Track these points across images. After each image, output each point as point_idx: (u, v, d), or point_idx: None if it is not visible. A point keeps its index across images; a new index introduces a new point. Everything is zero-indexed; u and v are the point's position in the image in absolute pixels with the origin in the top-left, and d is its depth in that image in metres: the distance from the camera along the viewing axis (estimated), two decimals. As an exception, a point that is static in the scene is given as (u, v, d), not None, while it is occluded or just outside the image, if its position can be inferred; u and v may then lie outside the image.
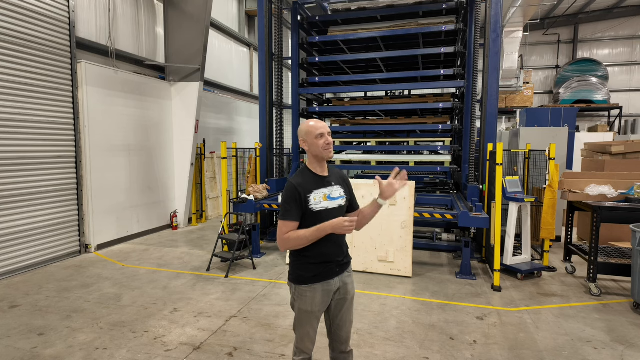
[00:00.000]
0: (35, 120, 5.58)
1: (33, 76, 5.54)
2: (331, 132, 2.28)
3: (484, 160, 5.95)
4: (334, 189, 2.26)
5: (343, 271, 2.30)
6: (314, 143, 2.19)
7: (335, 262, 2.24)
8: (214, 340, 3.57)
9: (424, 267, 5.73)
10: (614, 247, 5.58)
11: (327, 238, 2.17)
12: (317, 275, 2.20)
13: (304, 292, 2.21)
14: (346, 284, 2.31)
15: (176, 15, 7.90)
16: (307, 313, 2.23)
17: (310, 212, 2.16)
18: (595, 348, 3.48)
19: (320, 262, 2.20)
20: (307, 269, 2.21)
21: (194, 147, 8.31)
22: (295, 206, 2.16)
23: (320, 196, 2.19)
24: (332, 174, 2.33)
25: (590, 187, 5.19)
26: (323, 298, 2.22)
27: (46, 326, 3.82)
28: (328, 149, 2.20)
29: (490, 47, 5.76)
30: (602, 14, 16.78)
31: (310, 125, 2.21)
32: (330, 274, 2.23)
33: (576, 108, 13.25)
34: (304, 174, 2.25)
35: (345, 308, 2.32)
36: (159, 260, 6.02)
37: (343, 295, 2.29)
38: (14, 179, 5.33)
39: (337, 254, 2.25)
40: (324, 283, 2.21)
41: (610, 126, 16.02)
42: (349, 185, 2.39)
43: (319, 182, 2.23)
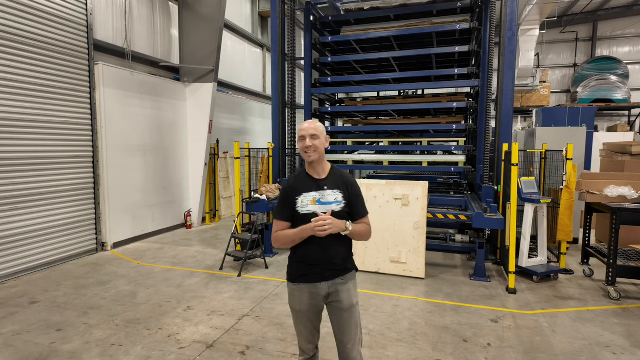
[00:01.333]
0: (53, 121, 5.72)
1: (52, 78, 5.68)
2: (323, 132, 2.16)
3: (499, 161, 5.86)
4: (326, 193, 2.17)
5: (335, 277, 2.20)
6: (298, 144, 2.19)
7: (321, 265, 2.17)
8: (227, 338, 3.60)
9: (437, 269, 5.67)
10: (634, 249, 5.42)
11: (312, 241, 2.13)
12: (304, 275, 2.19)
13: (292, 290, 2.24)
14: (338, 292, 2.20)
15: (191, 17, 8.00)
16: (296, 312, 2.25)
17: (298, 215, 2.16)
18: (614, 353, 3.39)
19: (305, 263, 2.19)
20: (295, 268, 2.24)
21: (208, 147, 8.40)
22: (284, 207, 2.19)
23: (309, 199, 2.16)
24: (331, 177, 2.22)
25: (610, 188, 5.06)
26: (311, 300, 2.19)
27: (64, 322, 3.91)
28: (307, 153, 2.14)
29: (506, 45, 5.67)
30: (622, 11, 16.34)
31: (300, 126, 2.21)
32: (317, 277, 2.18)
33: (595, 107, 12.93)
34: (299, 176, 2.25)
35: (343, 319, 2.22)
36: (173, 259, 6.11)
37: (336, 303, 2.21)
38: (34, 178, 5.47)
39: (323, 258, 2.16)
40: (311, 285, 2.18)
41: (631, 126, 15.59)
42: (353, 191, 2.23)
43: (311, 185, 2.19)
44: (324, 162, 2.25)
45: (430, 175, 7.44)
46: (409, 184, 5.47)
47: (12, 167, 5.20)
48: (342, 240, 2.22)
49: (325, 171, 2.24)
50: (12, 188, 5.21)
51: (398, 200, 5.41)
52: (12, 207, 5.21)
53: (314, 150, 2.14)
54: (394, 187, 5.46)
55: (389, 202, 5.46)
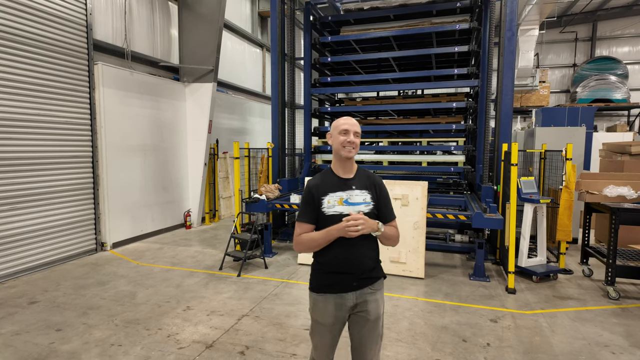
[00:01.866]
0: (53, 121, 5.72)
1: (51, 77, 5.67)
2: (360, 133, 2.10)
3: (499, 161, 5.87)
4: (354, 193, 2.05)
5: (364, 287, 2.04)
6: (336, 138, 2.05)
7: (351, 274, 2.01)
8: (226, 338, 3.60)
9: (437, 269, 5.67)
10: (633, 249, 5.42)
11: (342, 245, 1.98)
12: (330, 285, 2.03)
13: (316, 300, 2.07)
14: (366, 302, 2.04)
15: (190, 17, 8.00)
16: (318, 324, 2.09)
17: (323, 216, 2.02)
18: (613, 353, 3.39)
19: (333, 271, 2.03)
20: (320, 277, 2.07)
21: (207, 147, 8.40)
22: (309, 208, 2.05)
23: (335, 200, 2.02)
24: (358, 177, 2.12)
25: (609, 188, 5.07)
26: (336, 312, 2.03)
27: (63, 322, 3.91)
28: (347, 147, 2.02)
29: (505, 45, 5.68)
30: (621, 11, 16.35)
31: (340, 120, 2.09)
32: (345, 287, 2.02)
33: (594, 107, 12.93)
34: (324, 175, 2.12)
35: (366, 329, 2.07)
36: (173, 259, 6.10)
37: (362, 314, 2.05)
38: (33, 178, 5.46)
39: (353, 266, 2.01)
40: (337, 295, 2.02)
41: (630, 126, 15.59)
42: (382, 192, 2.13)
43: (337, 185, 2.06)
44: (354, 162, 2.15)
45: (429, 175, 7.44)
46: (409, 184, 5.47)
47: (12, 167, 5.20)
48: (372, 244, 2.10)
49: (353, 171, 2.12)
50: (12, 188, 5.20)
51: (398, 200, 5.41)
52: (12, 207, 5.21)
53: (355, 146, 2.04)
54: (394, 187, 5.46)
55: (388, 202, 5.46)
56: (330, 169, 2.14)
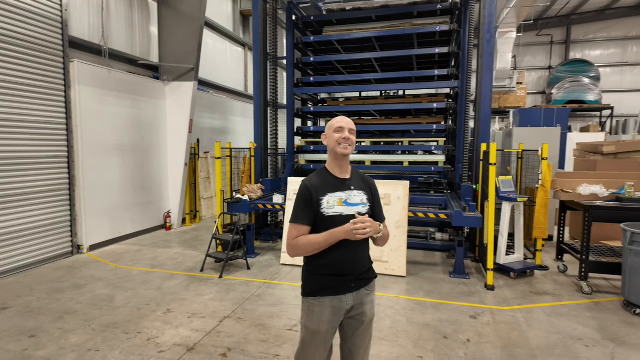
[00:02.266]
0: (26, 120, 5.52)
1: (24, 75, 5.48)
2: (355, 131, 2.08)
3: (478, 160, 5.98)
4: (353, 193, 2.03)
5: (360, 288, 2.03)
6: (331, 136, 2.02)
7: (351, 275, 1.99)
8: (208, 340, 3.56)
9: (418, 267, 5.75)
10: (605, 245, 5.64)
11: (344, 246, 1.93)
12: (329, 288, 1.98)
13: (312, 306, 2.00)
14: (363, 304, 2.03)
15: (170, 15, 7.86)
16: (313, 333, 2.00)
17: (322, 217, 1.96)
18: (587, 346, 3.51)
19: (334, 273, 1.97)
20: (318, 280, 2.00)
21: (188, 147, 8.27)
22: (306, 209, 1.97)
23: (335, 200, 1.98)
24: (354, 177, 2.10)
25: (582, 186, 5.24)
26: (332, 316, 1.98)
27: (37, 328, 3.78)
28: (343, 144, 1.99)
29: (484, 47, 5.79)
30: (594, 15, 16.94)
31: (334, 119, 2.08)
32: (344, 288, 1.99)
33: (568, 108, 13.37)
34: (321, 175, 2.06)
35: (360, 331, 2.06)
36: (153, 261, 5.99)
37: (358, 316, 2.04)
38: (5, 179, 5.26)
39: (354, 267, 2.00)
40: (334, 298, 1.97)
41: (602, 126, 16.18)
42: (375, 192, 2.14)
43: (336, 185, 2.02)
44: (349, 161, 2.12)
45: (411, 175, 7.53)
46: (391, 184, 5.52)
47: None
48: (367, 245, 2.09)
49: (349, 171, 2.10)
50: (-18, 189, 5.01)
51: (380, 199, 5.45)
52: (-18, 209, 5.01)
53: (351, 143, 2.01)
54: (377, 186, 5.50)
55: (370, 201, 5.49)
56: (326, 168, 2.09)
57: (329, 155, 2.09)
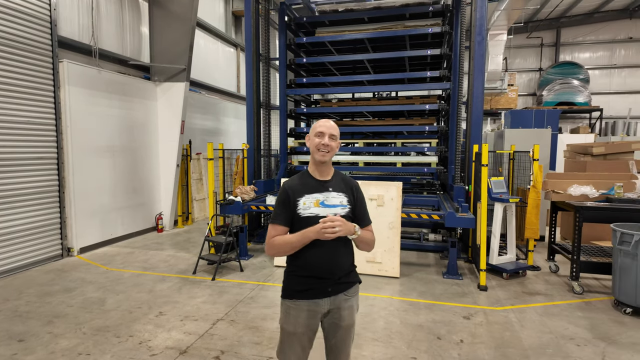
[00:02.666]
0: (15, 121, 5.43)
1: (13, 75, 5.39)
2: (339, 135, 2.07)
3: (470, 161, 6.02)
4: (331, 195, 2.03)
5: (339, 292, 2.01)
6: (312, 140, 2.03)
7: (327, 279, 1.97)
8: (201, 343, 3.52)
9: (412, 268, 5.76)
10: (595, 246, 5.70)
11: (315, 248, 1.93)
12: (305, 290, 1.98)
13: (288, 308, 2.01)
14: (340, 309, 2.02)
15: (161, 15, 7.80)
16: (289, 335, 2.02)
17: (298, 218, 1.98)
18: (578, 345, 3.54)
19: (309, 275, 1.97)
20: (295, 282, 2.01)
21: (180, 148, 8.20)
22: (283, 210, 1.99)
23: (312, 201, 1.99)
24: (335, 179, 2.10)
25: (573, 187, 5.30)
26: (308, 320, 1.98)
27: (27, 332, 3.72)
28: (321, 150, 1.99)
29: (476, 49, 5.83)
30: (583, 18, 17.20)
31: (318, 122, 2.06)
32: (320, 293, 1.97)
33: (559, 110, 13.54)
34: (301, 177, 2.09)
35: (339, 335, 2.05)
36: (144, 264, 5.92)
37: (335, 320, 2.03)
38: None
39: (332, 269, 1.98)
40: (310, 302, 1.97)
41: (592, 128, 16.40)
42: (359, 196, 2.12)
43: (314, 187, 2.03)
44: (330, 164, 2.11)
45: (404, 176, 7.56)
46: (384, 185, 5.53)
47: (-31, 170, 4.90)
48: (348, 248, 2.07)
49: (330, 173, 2.10)
50: (-31, 191, 4.91)
51: (373, 200, 5.46)
52: (-31, 211, 4.91)
53: (329, 150, 2.00)
54: (369, 187, 5.51)
55: (364, 202, 5.50)
56: (307, 171, 2.10)
57: (310, 158, 2.09)
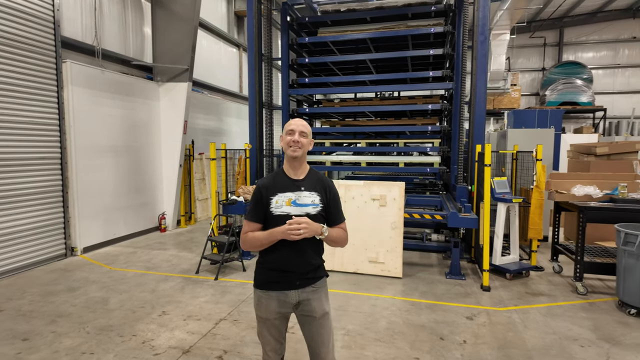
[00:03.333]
0: (19, 121, 5.46)
1: (16, 76, 5.42)
2: (310, 134, 2.14)
3: (473, 161, 6.01)
4: (302, 194, 2.08)
5: (306, 286, 2.09)
6: (284, 138, 2.11)
7: (294, 273, 2.07)
8: (204, 343, 3.53)
9: (414, 268, 5.75)
10: (599, 246, 5.68)
11: (283, 245, 2.02)
12: (273, 282, 2.08)
13: (259, 296, 2.13)
14: (309, 300, 2.09)
15: (164, 15, 7.81)
16: (263, 320, 2.14)
17: (270, 216, 2.05)
18: (582, 346, 3.53)
19: (277, 269, 2.07)
20: (264, 274, 2.12)
21: (183, 148, 8.22)
22: (257, 207, 2.10)
23: (284, 200, 2.06)
24: (309, 178, 2.15)
25: (576, 187, 5.27)
26: (279, 307, 2.09)
27: (30, 331, 3.73)
28: (292, 147, 2.07)
29: (478, 49, 5.82)
30: (586, 18, 17.12)
31: (289, 121, 2.15)
32: (287, 285, 2.07)
33: (562, 110, 13.48)
34: (275, 176, 2.17)
35: (315, 327, 2.13)
36: (147, 263, 5.94)
37: (307, 312, 2.11)
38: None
39: (297, 265, 2.06)
40: (279, 293, 2.08)
41: (595, 128, 16.33)
42: (332, 195, 2.16)
43: (287, 186, 2.10)
44: (304, 163, 2.18)
45: (406, 176, 7.55)
46: (386, 185, 5.52)
47: (-27, 169, 4.93)
48: (315, 246, 2.13)
49: (304, 172, 2.17)
50: (-27, 191, 4.94)
51: (376, 200, 5.45)
52: (-27, 211, 4.94)
53: (300, 146, 2.08)
54: (372, 187, 5.51)
55: (366, 202, 5.50)
56: (282, 169, 2.18)
57: (285, 157, 2.16)
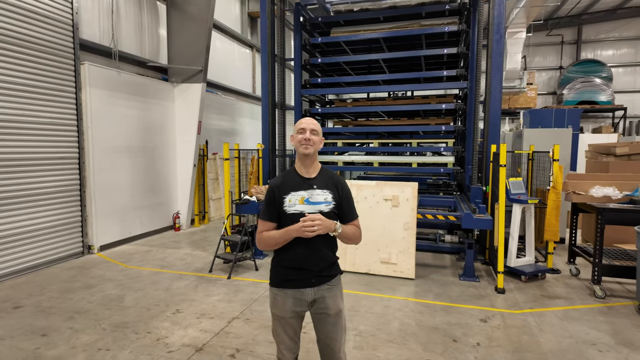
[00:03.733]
0: (38, 122, 5.61)
1: (37, 78, 5.56)
2: (321, 132, 2.17)
3: (487, 162, 5.93)
4: (315, 192, 2.11)
5: (322, 283, 2.13)
6: (295, 137, 2.13)
7: (310, 271, 2.10)
8: (217, 341, 3.56)
9: (427, 269, 5.70)
10: (618, 249, 5.54)
11: (301, 243, 2.06)
12: (290, 280, 2.11)
13: (275, 295, 2.15)
14: (324, 298, 2.13)
15: (179, 17, 7.92)
16: (278, 318, 2.16)
17: (284, 214, 2.08)
18: (600, 351, 3.45)
19: (293, 267, 2.10)
20: (280, 272, 2.14)
21: (197, 148, 8.32)
22: (270, 207, 2.12)
23: (297, 199, 2.08)
24: (321, 177, 2.18)
25: (595, 188, 5.15)
26: (294, 306, 2.12)
27: (49, 327, 3.83)
28: (303, 145, 2.09)
29: (494, 48, 5.74)
30: (605, 15, 16.70)
31: (300, 120, 2.17)
32: (304, 283, 2.10)
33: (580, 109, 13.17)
34: (287, 175, 2.18)
35: (330, 324, 2.16)
36: (162, 262, 6.03)
37: (322, 310, 2.14)
38: (18, 180, 5.35)
39: (312, 262, 2.09)
40: (295, 291, 2.11)
41: (615, 127, 15.92)
42: (344, 192, 2.19)
43: (299, 184, 2.12)
44: (316, 161, 2.20)
45: (419, 176, 7.47)
46: (399, 185, 5.49)
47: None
48: (330, 243, 2.16)
49: (316, 170, 2.19)
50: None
51: (388, 201, 5.42)
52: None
53: (312, 144, 2.10)
54: (384, 188, 5.48)
55: (379, 203, 5.48)
56: (294, 168, 2.19)
57: (297, 156, 2.19)
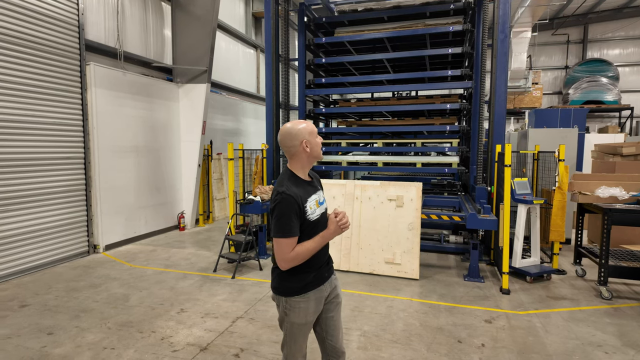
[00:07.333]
0: (44, 122, 5.65)
1: (43, 78, 5.61)
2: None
3: (492, 162, 5.90)
4: (320, 193, 2.17)
5: (331, 274, 2.23)
6: (316, 143, 2.07)
7: (322, 266, 2.15)
8: (221, 341, 3.57)
9: (432, 269, 5.68)
10: (625, 250, 5.49)
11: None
12: (309, 283, 2.08)
13: (296, 303, 2.06)
14: (335, 287, 2.25)
15: (183, 17, 7.96)
16: (301, 326, 2.10)
17: (308, 223, 2.01)
18: (606, 352, 3.42)
19: (311, 268, 2.08)
20: (298, 279, 2.05)
21: (201, 148, 8.35)
22: (296, 219, 1.95)
23: (314, 203, 2.06)
24: (313, 177, 2.22)
25: (601, 189, 5.11)
26: (316, 307, 2.13)
27: (55, 325, 3.86)
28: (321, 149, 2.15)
29: (499, 47, 5.71)
30: (612, 14, 16.55)
31: (308, 124, 2.07)
32: (321, 279, 2.14)
33: (586, 109, 13.06)
34: (295, 182, 2.04)
35: (337, 311, 2.26)
36: (166, 261, 6.06)
37: (333, 298, 2.23)
38: (24, 180, 5.39)
39: (322, 256, 2.15)
40: (316, 291, 2.10)
41: (621, 127, 15.78)
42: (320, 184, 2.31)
43: (309, 189, 2.10)
44: None
45: (424, 177, 7.45)
46: (403, 185, 5.48)
47: (2, 169, 5.12)
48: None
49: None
50: (2, 190, 5.13)
51: (392, 201, 5.41)
52: (2, 209, 5.13)
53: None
54: (388, 188, 5.47)
55: (383, 203, 5.47)
56: (293, 173, 2.08)
57: (302, 159, 2.07)
